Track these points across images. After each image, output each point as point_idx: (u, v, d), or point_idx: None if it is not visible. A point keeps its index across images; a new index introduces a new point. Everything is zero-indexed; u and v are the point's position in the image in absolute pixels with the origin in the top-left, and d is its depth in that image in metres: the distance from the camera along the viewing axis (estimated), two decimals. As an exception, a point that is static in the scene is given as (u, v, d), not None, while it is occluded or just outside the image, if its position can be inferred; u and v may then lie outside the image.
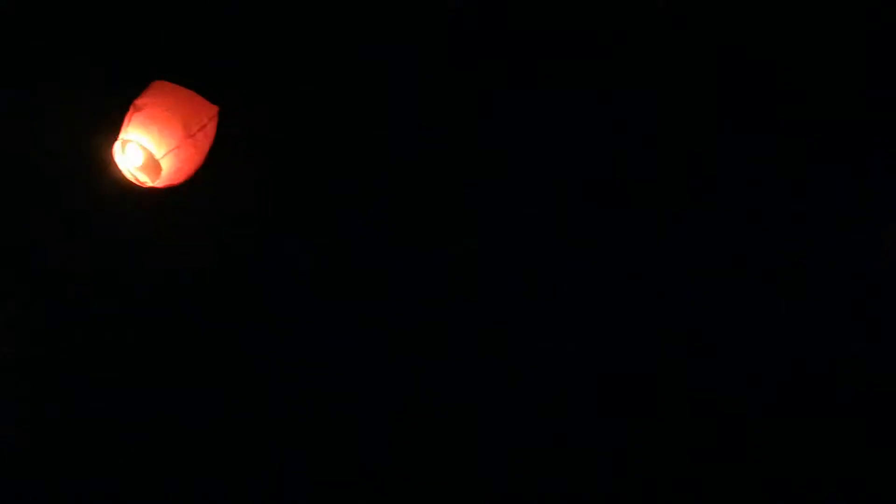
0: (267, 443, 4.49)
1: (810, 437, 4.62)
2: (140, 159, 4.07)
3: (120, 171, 4.10)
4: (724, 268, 4.74)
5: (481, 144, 4.74)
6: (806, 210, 4.76)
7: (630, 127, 4.80)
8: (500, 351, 4.65)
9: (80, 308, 4.38)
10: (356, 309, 4.60)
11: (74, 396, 4.39)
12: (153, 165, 4.08)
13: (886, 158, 4.76)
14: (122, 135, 4.05)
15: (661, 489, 4.62)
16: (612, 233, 4.73)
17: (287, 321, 4.56)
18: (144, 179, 4.11)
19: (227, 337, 4.51)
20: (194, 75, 4.18)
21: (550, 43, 4.80)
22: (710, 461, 4.61)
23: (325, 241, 4.63)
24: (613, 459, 4.62)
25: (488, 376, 4.64)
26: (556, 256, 4.74)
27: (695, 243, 4.74)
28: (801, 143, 4.76)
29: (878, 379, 4.65)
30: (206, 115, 4.10)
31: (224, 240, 4.49)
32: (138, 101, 4.06)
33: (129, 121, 4.05)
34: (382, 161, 4.67)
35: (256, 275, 4.57)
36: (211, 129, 4.11)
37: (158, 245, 4.37)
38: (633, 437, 4.64)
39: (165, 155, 4.06)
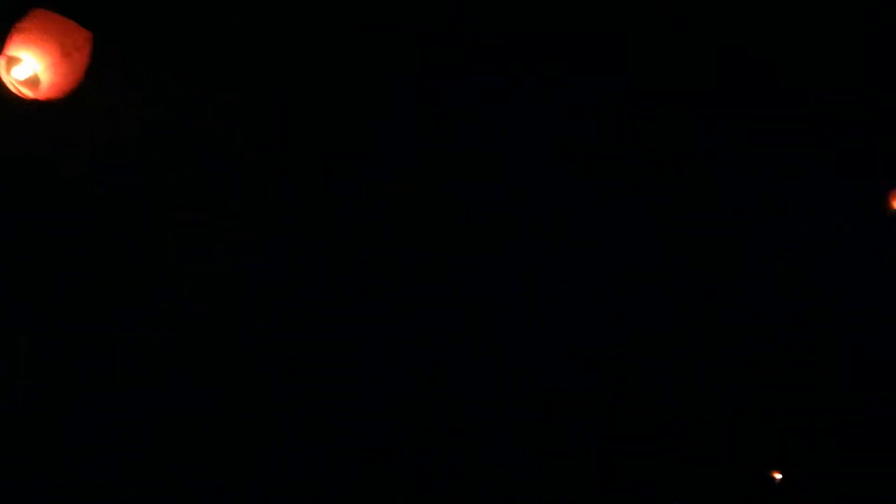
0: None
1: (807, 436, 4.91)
2: (23, 74, 4.65)
3: (4, 85, 4.66)
4: (721, 265, 4.97)
5: (480, 144, 4.84)
6: (805, 208, 4.93)
7: (630, 126, 4.92)
8: (499, 350, 4.84)
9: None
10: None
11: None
12: (34, 80, 4.65)
13: (885, 157, 4.94)
14: (7, 52, 4.62)
15: (659, 487, 4.86)
16: (612, 231, 4.92)
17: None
18: (27, 92, 4.67)
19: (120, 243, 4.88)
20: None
21: (550, 42, 4.85)
22: (711, 460, 4.86)
23: (324, 235, 4.84)
24: (610, 458, 4.85)
25: (487, 375, 4.82)
26: (556, 256, 4.88)
27: (693, 241, 4.95)
28: (800, 142, 4.93)
29: (878, 377, 4.92)
30: (81, 38, 4.69)
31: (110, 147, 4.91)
32: (19, 25, 4.62)
33: (12, 41, 4.61)
34: (382, 160, 4.81)
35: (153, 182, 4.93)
36: (86, 50, 4.70)
37: (46, 154, 4.86)
38: (632, 435, 4.90)
39: (45, 70, 4.64)
